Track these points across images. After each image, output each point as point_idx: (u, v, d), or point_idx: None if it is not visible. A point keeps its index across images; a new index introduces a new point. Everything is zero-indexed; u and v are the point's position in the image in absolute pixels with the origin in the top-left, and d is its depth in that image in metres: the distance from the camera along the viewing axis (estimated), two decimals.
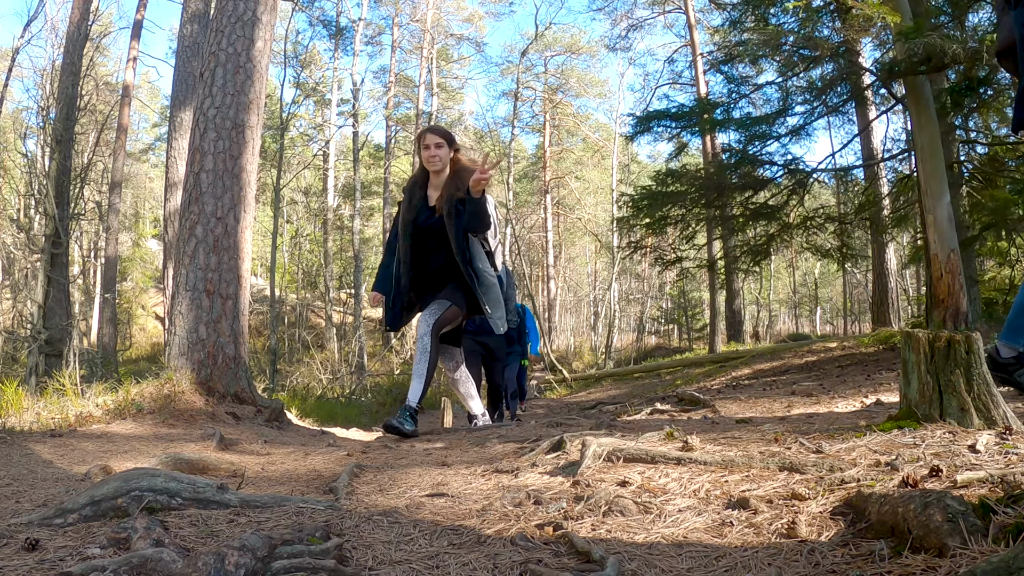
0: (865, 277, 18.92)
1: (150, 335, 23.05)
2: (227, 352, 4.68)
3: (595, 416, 4.05)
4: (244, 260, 4.97)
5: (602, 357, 21.87)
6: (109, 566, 1.15)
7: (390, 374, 15.92)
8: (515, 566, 1.25)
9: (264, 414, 4.57)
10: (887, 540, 1.21)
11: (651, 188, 8.57)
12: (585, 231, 26.86)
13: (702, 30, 18.76)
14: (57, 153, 9.12)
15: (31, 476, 2.31)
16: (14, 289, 11.28)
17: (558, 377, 13.22)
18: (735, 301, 16.21)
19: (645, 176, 19.39)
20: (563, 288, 30.22)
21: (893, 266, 12.00)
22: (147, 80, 30.58)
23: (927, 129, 5.70)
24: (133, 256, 25.72)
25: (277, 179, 18.23)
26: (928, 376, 2.09)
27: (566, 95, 26.32)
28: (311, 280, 25.92)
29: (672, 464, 1.88)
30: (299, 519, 1.56)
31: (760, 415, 3.25)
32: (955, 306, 5.46)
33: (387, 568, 1.27)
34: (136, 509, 1.52)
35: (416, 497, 1.87)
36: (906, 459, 1.71)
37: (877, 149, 10.70)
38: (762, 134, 8.04)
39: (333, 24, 22.99)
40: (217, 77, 4.96)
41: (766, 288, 26.68)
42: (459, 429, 3.99)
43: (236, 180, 4.91)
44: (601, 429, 2.82)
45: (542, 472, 2.01)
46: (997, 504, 1.20)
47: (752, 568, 1.20)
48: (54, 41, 17.22)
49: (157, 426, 3.72)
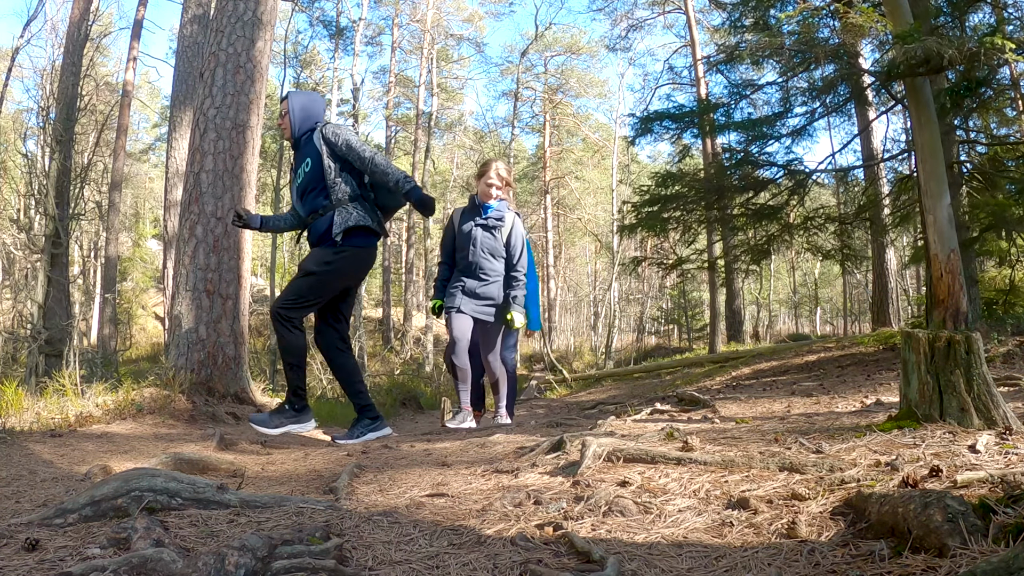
0: (865, 277, 18.93)
1: (150, 335, 23.05)
2: (227, 352, 4.68)
3: (595, 416, 4.05)
4: (244, 260, 4.97)
5: (602, 357, 21.88)
6: (109, 566, 1.15)
7: (390, 374, 15.91)
8: (515, 566, 1.25)
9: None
10: (887, 540, 1.21)
11: (651, 189, 8.57)
12: (585, 231, 26.86)
13: (702, 30, 18.78)
14: (57, 153, 9.12)
15: (31, 476, 2.31)
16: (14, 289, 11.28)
17: (558, 377, 13.23)
18: (735, 301, 16.22)
19: (645, 176, 19.41)
20: (563, 288, 30.22)
21: (893, 266, 12.00)
22: (147, 80, 30.57)
23: (927, 129, 5.69)
24: (133, 256, 25.72)
25: (277, 179, 18.24)
26: (928, 376, 2.09)
27: (566, 95, 26.33)
28: None
29: (672, 464, 1.88)
30: (299, 519, 1.56)
31: (760, 415, 3.25)
32: (955, 306, 5.45)
33: (387, 568, 1.27)
34: (136, 509, 1.52)
35: (416, 497, 1.87)
36: (906, 459, 1.71)
37: (877, 149, 10.70)
38: (763, 135, 8.04)
39: (333, 24, 23.00)
40: (217, 77, 4.96)
41: (766, 288, 26.68)
42: (461, 429, 3.99)
43: (236, 180, 4.91)
44: (600, 431, 2.82)
45: (542, 472, 2.01)
46: (997, 504, 1.20)
47: (752, 568, 1.20)
48: (54, 41, 17.26)
49: (157, 426, 3.72)
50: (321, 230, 3.51)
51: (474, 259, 4.18)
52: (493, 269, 4.22)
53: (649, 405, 3.98)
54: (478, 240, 4.20)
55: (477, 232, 4.21)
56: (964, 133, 7.53)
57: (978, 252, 7.51)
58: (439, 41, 24.43)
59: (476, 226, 4.22)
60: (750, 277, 19.63)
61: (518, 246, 4.26)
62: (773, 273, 26.97)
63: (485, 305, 4.18)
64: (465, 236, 4.24)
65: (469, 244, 4.21)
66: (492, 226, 4.23)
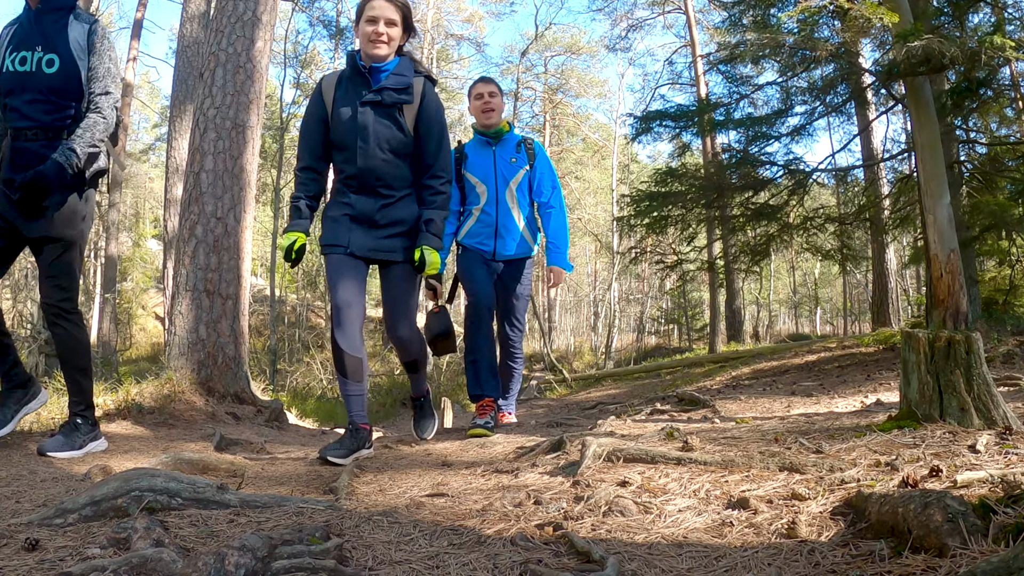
0: (865, 277, 18.93)
1: (150, 335, 23.04)
2: (227, 352, 4.68)
3: (595, 416, 4.05)
4: (244, 260, 4.97)
5: (602, 357, 21.88)
6: (109, 566, 1.15)
7: (390, 374, 15.91)
8: (515, 566, 1.25)
9: (264, 414, 4.58)
10: (887, 540, 1.21)
11: (651, 189, 8.58)
12: (585, 231, 26.85)
13: (702, 30, 18.77)
14: None
15: (31, 476, 2.31)
16: (14, 289, 11.29)
17: (558, 377, 13.22)
18: (735, 301, 16.21)
19: (645, 176, 19.43)
20: (563, 288, 30.23)
21: (893, 266, 12.00)
22: (147, 80, 30.60)
23: (927, 129, 5.70)
24: (133, 256, 25.70)
25: (277, 179, 18.23)
26: (928, 376, 2.09)
27: (566, 95, 26.33)
28: (311, 280, 25.91)
29: (672, 464, 1.88)
30: (299, 519, 1.56)
31: (760, 415, 3.25)
32: (955, 306, 5.45)
33: (387, 568, 1.27)
34: (136, 509, 1.52)
35: (416, 497, 1.87)
36: (906, 459, 1.71)
37: (877, 149, 10.70)
38: (763, 134, 8.05)
39: (333, 24, 22.99)
40: (217, 77, 4.96)
41: (766, 288, 26.68)
42: (461, 429, 3.99)
43: (236, 180, 4.91)
44: (600, 431, 2.83)
45: (542, 472, 2.01)
46: (997, 504, 1.20)
47: (752, 568, 1.20)
48: None
49: (157, 426, 3.72)
50: None
51: (366, 163, 2.67)
52: (399, 177, 2.72)
53: (649, 405, 3.98)
54: (370, 129, 2.66)
55: (367, 116, 2.66)
56: (964, 133, 7.53)
57: (978, 252, 7.51)
58: (439, 41, 24.44)
59: (365, 106, 2.66)
60: (750, 277, 19.63)
61: (433, 131, 2.73)
62: (773, 273, 26.96)
63: (389, 238, 2.71)
64: (347, 125, 2.68)
65: (355, 138, 2.66)
66: (391, 103, 2.66)
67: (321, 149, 2.77)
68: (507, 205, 3.63)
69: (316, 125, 2.76)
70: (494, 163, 3.65)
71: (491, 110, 3.64)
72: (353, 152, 2.69)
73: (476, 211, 3.66)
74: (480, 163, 3.66)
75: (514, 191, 3.65)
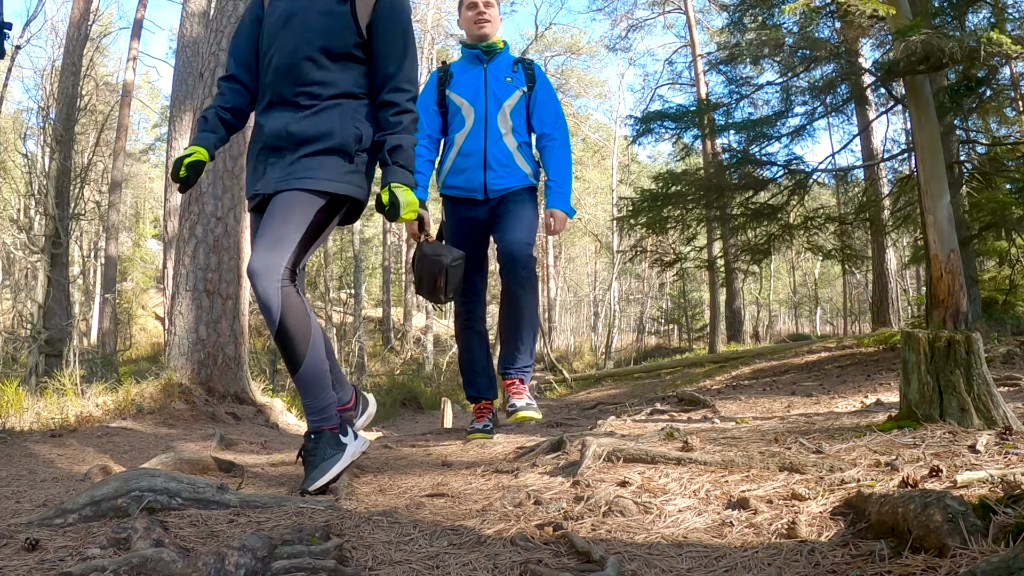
0: (865, 277, 18.93)
1: (150, 335, 23.05)
2: (227, 352, 4.68)
3: (595, 416, 4.05)
4: (244, 260, 4.97)
5: (602, 357, 21.88)
6: (109, 566, 1.15)
7: (390, 374, 15.91)
8: (515, 566, 1.25)
9: (264, 414, 4.58)
10: (887, 540, 1.21)
11: (652, 190, 8.58)
12: (585, 231, 26.85)
13: (702, 30, 18.78)
14: (57, 153, 9.12)
15: (31, 476, 2.31)
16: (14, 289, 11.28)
17: (558, 377, 13.23)
18: (735, 301, 16.21)
19: (645, 176, 19.44)
20: (563, 288, 30.22)
21: (893, 266, 12.00)
22: (147, 80, 30.57)
23: (927, 129, 5.70)
24: (133, 256, 25.72)
25: None
26: (928, 376, 2.09)
27: (566, 95, 26.30)
28: (311, 280, 25.94)
29: (672, 464, 1.88)
30: (299, 519, 1.56)
31: (760, 415, 3.25)
32: (955, 306, 5.45)
33: (387, 568, 1.27)
34: (136, 509, 1.52)
35: (416, 497, 1.87)
36: (906, 459, 1.71)
37: (877, 149, 10.71)
38: (763, 134, 8.05)
39: None
40: (217, 77, 4.96)
41: (766, 288, 26.69)
42: (461, 429, 3.99)
43: (236, 180, 4.91)
44: (600, 430, 2.82)
45: (542, 472, 2.01)
46: (997, 504, 1.20)
47: (752, 568, 1.20)
48: (54, 41, 17.27)
49: (157, 426, 3.72)
50: None
51: (281, 59, 2.05)
52: (329, 84, 2.04)
53: (649, 405, 3.98)
54: (297, 18, 2.06)
55: (299, 2, 2.08)
56: (964, 133, 7.53)
57: (978, 252, 7.51)
58: (439, 41, 24.42)
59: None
60: (750, 277, 19.63)
61: (395, 30, 2.08)
62: (773, 273, 26.96)
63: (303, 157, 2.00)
64: (275, 19, 2.10)
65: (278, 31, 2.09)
66: None
67: (252, 56, 2.15)
68: (498, 130, 2.98)
69: (249, 26, 2.16)
70: (484, 81, 3.02)
71: (486, 21, 3.07)
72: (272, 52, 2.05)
73: (460, 138, 2.99)
74: (468, 81, 3.03)
75: (508, 115, 3.00)
